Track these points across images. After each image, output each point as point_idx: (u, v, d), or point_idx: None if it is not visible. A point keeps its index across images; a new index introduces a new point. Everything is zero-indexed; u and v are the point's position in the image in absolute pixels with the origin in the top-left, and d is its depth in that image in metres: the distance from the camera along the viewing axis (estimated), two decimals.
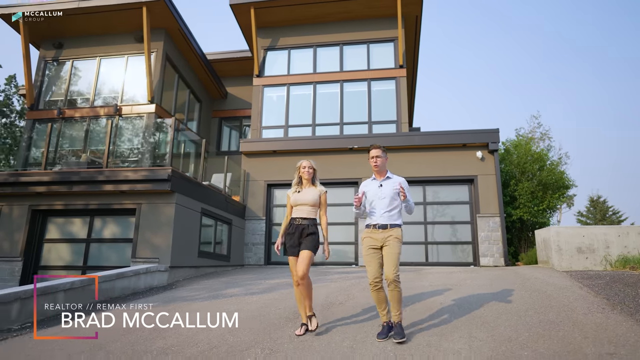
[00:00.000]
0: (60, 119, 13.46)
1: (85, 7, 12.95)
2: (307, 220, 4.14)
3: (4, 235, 8.92)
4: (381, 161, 4.06)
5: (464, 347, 3.30)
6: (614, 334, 3.40)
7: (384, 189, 4.00)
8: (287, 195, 4.37)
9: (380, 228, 3.88)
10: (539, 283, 5.88)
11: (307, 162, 4.34)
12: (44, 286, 5.27)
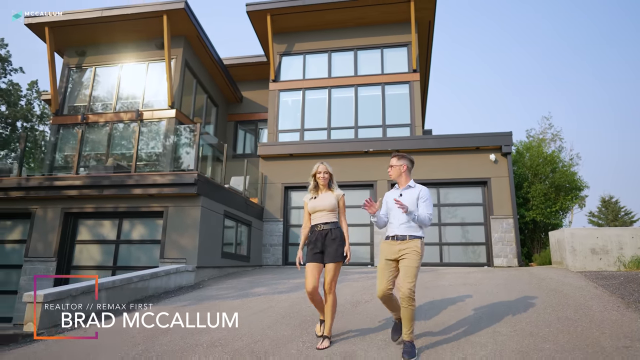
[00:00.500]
0: (84, 124, 13.94)
1: (107, 16, 13.41)
2: (330, 224, 3.96)
3: (38, 237, 9.36)
4: (395, 170, 3.87)
5: (489, 340, 3.59)
6: (629, 329, 3.68)
7: (404, 199, 3.75)
8: (304, 202, 4.18)
9: (398, 240, 3.67)
10: (554, 283, 6.14)
11: (323, 166, 4.13)
12: (85, 285, 5.64)
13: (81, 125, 13.94)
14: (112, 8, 13.38)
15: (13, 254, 9.80)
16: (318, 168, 4.12)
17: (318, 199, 4.07)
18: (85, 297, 5.57)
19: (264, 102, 17.51)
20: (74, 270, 9.35)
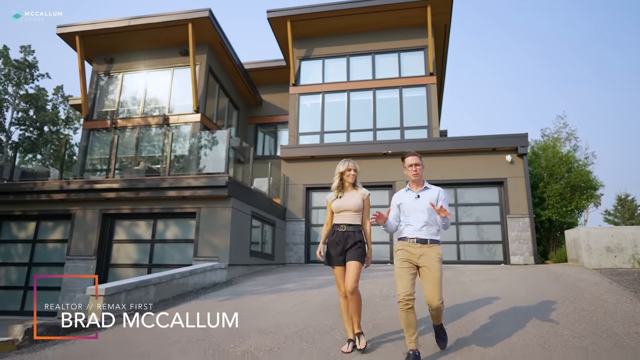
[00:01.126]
0: (113, 129, 14.59)
1: (135, 25, 14.02)
2: (352, 226, 3.87)
3: (79, 237, 9.97)
4: (421, 170, 3.71)
5: (512, 328, 4.01)
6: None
7: (422, 201, 3.64)
8: (327, 202, 4.08)
9: (419, 242, 3.54)
10: (571, 279, 6.51)
11: (352, 164, 4.01)
12: (138, 281, 6.18)
13: (111, 130, 14.61)
14: (139, 17, 14.00)
15: (55, 252, 10.44)
16: (347, 166, 3.98)
17: (343, 198, 3.93)
18: (138, 291, 6.11)
19: (282, 105, 18.03)
20: (112, 268, 9.95)
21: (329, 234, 3.99)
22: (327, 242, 3.97)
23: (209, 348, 3.98)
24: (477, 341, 3.72)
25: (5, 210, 10.57)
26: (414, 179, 3.73)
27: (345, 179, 3.97)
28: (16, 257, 10.58)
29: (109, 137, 14.62)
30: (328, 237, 3.98)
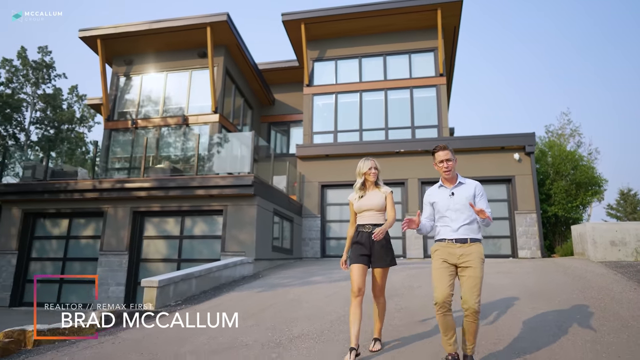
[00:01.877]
0: (134, 129, 15.15)
1: (155, 28, 14.53)
2: (377, 227, 3.70)
3: (111, 233, 10.56)
4: (452, 165, 3.45)
5: (530, 312, 4.57)
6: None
7: (457, 198, 3.41)
8: (349, 202, 4.00)
9: (459, 242, 3.33)
10: (578, 270, 7.07)
11: (372, 162, 3.91)
12: (184, 273, 6.77)
13: (131, 130, 15.17)
14: (159, 21, 14.51)
15: (87, 248, 11.03)
16: (366, 163, 3.89)
17: (365, 198, 3.85)
18: (183, 283, 6.69)
19: (294, 104, 18.57)
20: (142, 263, 10.54)
21: (354, 235, 3.85)
22: (352, 242, 3.84)
23: (267, 330, 4.55)
24: (502, 328, 4.28)
25: (40, 208, 11.16)
26: (445, 177, 3.48)
27: (367, 178, 3.87)
28: (51, 253, 11.18)
29: (130, 137, 15.18)
30: (352, 238, 3.85)
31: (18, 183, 11.23)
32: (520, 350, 3.46)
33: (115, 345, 4.32)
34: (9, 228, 11.12)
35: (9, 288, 10.72)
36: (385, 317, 3.98)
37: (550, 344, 3.57)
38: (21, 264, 10.94)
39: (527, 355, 3.37)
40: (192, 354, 3.91)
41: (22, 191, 11.01)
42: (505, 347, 3.58)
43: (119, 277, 10.22)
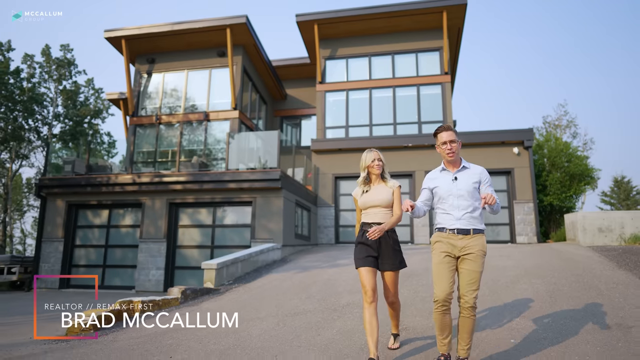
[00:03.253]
0: (157, 124, 16.17)
1: (177, 29, 15.44)
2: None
3: (150, 222, 11.68)
4: (456, 147, 3.20)
5: (528, 287, 5.73)
6: (617, 279, 5.78)
7: (461, 183, 3.20)
8: (353, 198, 3.69)
9: (460, 233, 3.14)
10: (569, 254, 8.25)
11: (375, 153, 3.58)
12: (234, 257, 7.92)
13: (155, 126, 16.18)
14: (181, 22, 15.40)
15: (127, 236, 12.16)
16: (369, 155, 3.58)
17: (370, 193, 3.56)
18: (233, 266, 7.84)
19: (305, 99, 19.57)
20: (178, 249, 11.68)
21: (360, 234, 3.57)
22: (357, 242, 3.55)
23: (320, 301, 5.70)
24: (504, 294, 5.43)
25: (82, 200, 12.25)
26: (449, 159, 3.23)
27: (371, 171, 3.57)
28: (93, 240, 12.31)
29: (154, 132, 16.20)
30: (357, 238, 3.58)
31: (62, 177, 12.29)
32: (518, 312, 4.61)
33: (190, 315, 5.47)
34: (54, 218, 12.22)
35: (58, 272, 11.86)
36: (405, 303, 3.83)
37: (542, 307, 4.72)
38: (67, 251, 12.07)
39: (524, 313, 4.51)
40: (274, 316, 5.04)
41: (66, 185, 12.08)
42: (506, 309, 4.73)
43: (158, 262, 11.37)
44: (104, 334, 4.49)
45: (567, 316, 4.31)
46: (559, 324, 4.05)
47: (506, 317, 4.42)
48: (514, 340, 3.71)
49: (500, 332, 3.92)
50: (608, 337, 3.61)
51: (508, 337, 3.77)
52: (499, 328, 4.05)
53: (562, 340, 3.62)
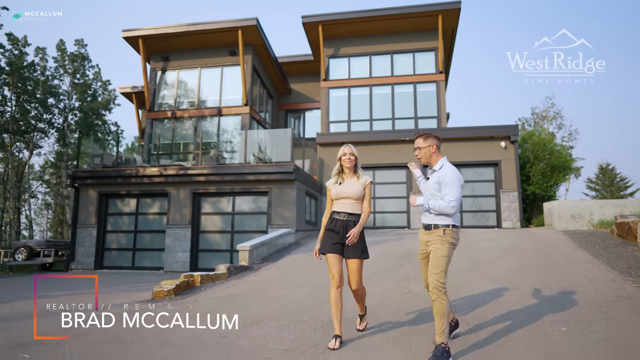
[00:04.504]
0: (172, 119, 17.40)
1: (192, 30, 16.58)
2: (353, 216, 3.77)
3: (175, 210, 13.04)
4: (425, 152, 3.55)
5: (504, 263, 7.21)
6: (575, 256, 7.29)
7: (429, 184, 3.60)
8: (326, 188, 3.95)
9: (426, 229, 3.52)
10: (543, 237, 9.78)
11: (348, 148, 3.90)
12: (261, 240, 9.34)
13: (171, 120, 17.41)
14: (196, 24, 16.55)
15: (154, 222, 13.52)
16: (343, 150, 3.91)
17: (343, 185, 3.84)
18: (260, 248, 9.27)
19: (309, 94, 20.84)
20: (202, 234, 13.08)
21: (328, 222, 3.85)
22: (327, 228, 3.83)
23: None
24: (486, 268, 6.91)
25: (113, 190, 13.56)
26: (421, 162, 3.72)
27: (342, 164, 3.88)
28: (123, 226, 13.66)
29: (170, 125, 17.44)
30: (327, 225, 3.85)
31: (94, 169, 13.58)
32: (495, 281, 6.08)
33: (242, 285, 6.90)
34: (87, 207, 13.53)
35: (92, 255, 13.23)
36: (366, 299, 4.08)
37: (514, 278, 6.20)
38: (100, 236, 13.43)
39: (499, 281, 5.98)
40: (307, 286, 6.47)
41: (98, 176, 13.37)
42: (486, 279, 6.20)
43: (184, 245, 12.77)
44: (183, 297, 5.91)
45: (530, 282, 5.79)
46: (523, 288, 5.52)
47: (486, 284, 5.89)
48: (489, 297, 5.18)
49: (480, 294, 5.38)
50: (555, 297, 5.08)
51: (485, 297, 5.24)
52: (479, 292, 5.51)
53: (522, 297, 5.09)
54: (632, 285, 5.31)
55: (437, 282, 3.27)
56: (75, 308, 4.93)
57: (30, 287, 9.06)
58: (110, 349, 3.80)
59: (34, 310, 4.99)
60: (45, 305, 5.07)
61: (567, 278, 5.89)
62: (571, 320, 4.05)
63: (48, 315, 4.94)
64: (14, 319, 5.25)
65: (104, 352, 3.73)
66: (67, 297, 6.14)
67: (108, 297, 6.39)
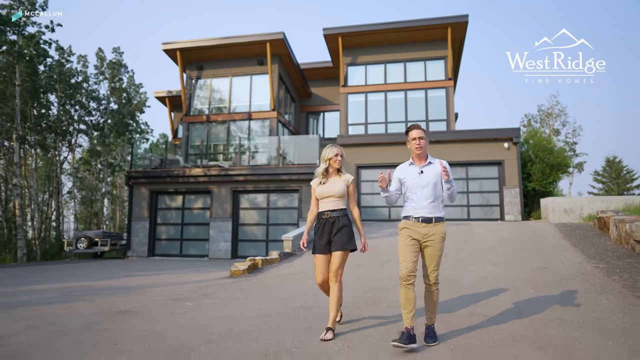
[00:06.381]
0: (207, 123, 19.32)
1: (225, 43, 18.42)
2: (337, 211, 3.92)
3: (218, 206, 15.01)
4: (424, 143, 3.66)
5: (500, 250, 9.02)
6: (558, 245, 9.07)
7: (426, 176, 3.62)
8: (311, 187, 4.11)
9: (424, 222, 3.56)
10: (536, 229, 11.56)
11: (338, 149, 4.02)
12: (299, 231, 11.23)
13: (204, 124, 19.33)
14: (229, 37, 18.40)
15: (199, 216, 15.51)
16: (333, 150, 4.01)
17: (327, 184, 3.98)
18: (298, 237, 11.17)
19: (327, 97, 22.62)
20: (240, 226, 15.04)
21: (315, 223, 4.03)
22: (315, 230, 3.99)
23: (370, 258, 9.00)
24: (485, 254, 8.73)
25: (162, 188, 15.56)
26: (417, 153, 3.68)
27: (332, 164, 3.99)
28: (171, 220, 15.68)
29: (204, 128, 19.37)
30: (315, 226, 4.00)
31: (146, 170, 15.59)
32: (492, 263, 7.89)
33: (294, 267, 8.79)
34: (140, 202, 15.55)
35: (146, 244, 15.27)
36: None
37: (506, 260, 8.00)
38: (151, 228, 15.46)
39: (494, 263, 7.79)
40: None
41: (150, 176, 15.37)
42: (484, 261, 8.01)
43: (225, 236, 14.75)
44: (254, 275, 7.84)
45: (518, 263, 7.61)
46: (512, 268, 7.34)
47: (484, 265, 7.73)
48: (484, 274, 7.02)
49: (478, 272, 7.21)
50: (533, 273, 6.90)
51: (481, 273, 7.07)
52: (478, 271, 7.34)
53: (509, 273, 6.90)
54: (592, 266, 7.11)
55: (436, 279, 3.61)
56: (175, 282, 6.86)
57: (111, 269, 11.08)
58: (235, 302, 5.72)
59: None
60: (147, 280, 7.01)
61: (546, 260, 7.71)
62: (539, 287, 5.88)
63: (163, 286, 6.90)
64: (139, 288, 7.21)
65: (228, 304, 5.65)
66: (156, 276, 8.07)
67: (190, 276, 8.34)
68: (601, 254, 7.92)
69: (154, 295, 6.05)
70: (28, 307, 5.36)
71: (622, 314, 4.27)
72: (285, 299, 5.79)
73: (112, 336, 3.83)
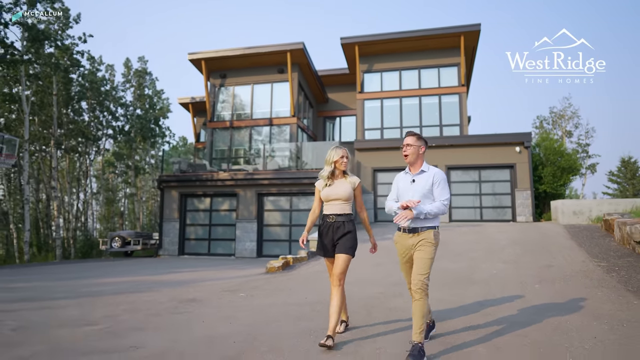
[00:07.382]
0: (230, 128, 20.33)
1: (247, 53, 19.41)
2: (342, 216, 3.85)
3: (243, 208, 15.99)
4: (412, 150, 3.55)
5: (511, 250, 9.80)
6: (565, 245, 9.82)
7: (416, 186, 3.53)
8: (316, 188, 4.04)
9: (410, 232, 3.50)
10: (546, 229, 12.29)
11: (344, 150, 3.93)
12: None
13: (228, 129, 20.35)
14: (251, 47, 19.38)
15: (225, 217, 16.51)
16: (338, 152, 3.91)
17: (333, 186, 3.90)
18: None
19: (343, 102, 23.48)
20: (265, 227, 15.99)
21: (320, 224, 4.00)
22: (319, 232, 3.94)
23: (389, 257, 9.85)
24: (497, 254, 9.52)
25: (191, 191, 16.59)
26: (406, 161, 3.64)
27: (338, 167, 3.90)
28: (200, 221, 16.70)
29: (228, 134, 20.38)
30: (319, 228, 3.97)
31: (176, 174, 16.64)
32: (503, 261, 8.68)
33: (322, 265, 9.67)
34: (171, 204, 16.61)
35: (176, 244, 16.32)
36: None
37: (515, 259, 8.79)
38: (181, 228, 16.50)
39: (505, 261, 8.57)
40: (368, 266, 9.19)
41: (180, 180, 16.41)
42: (495, 260, 8.81)
43: (251, 236, 15.71)
44: (289, 271, 8.76)
45: (527, 261, 8.40)
46: (520, 265, 8.14)
47: (495, 263, 8.53)
48: (495, 271, 7.83)
49: (490, 269, 8.02)
50: (539, 270, 7.69)
51: (492, 270, 7.88)
52: (489, 269, 8.15)
53: (518, 270, 7.71)
54: (594, 264, 7.87)
55: (422, 284, 3.35)
56: (220, 277, 7.80)
57: (152, 266, 12.10)
58: (281, 293, 6.63)
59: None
60: (192, 276, 7.94)
61: (552, 259, 8.49)
62: (543, 282, 6.69)
63: (211, 280, 7.85)
64: (191, 282, 8.17)
65: (276, 294, 6.55)
66: (198, 272, 9.02)
67: (230, 272, 9.29)
68: (604, 254, 8.67)
69: (209, 288, 7.00)
70: (110, 296, 6.36)
71: (611, 303, 5.08)
72: (322, 291, 6.69)
73: (194, 317, 4.77)
